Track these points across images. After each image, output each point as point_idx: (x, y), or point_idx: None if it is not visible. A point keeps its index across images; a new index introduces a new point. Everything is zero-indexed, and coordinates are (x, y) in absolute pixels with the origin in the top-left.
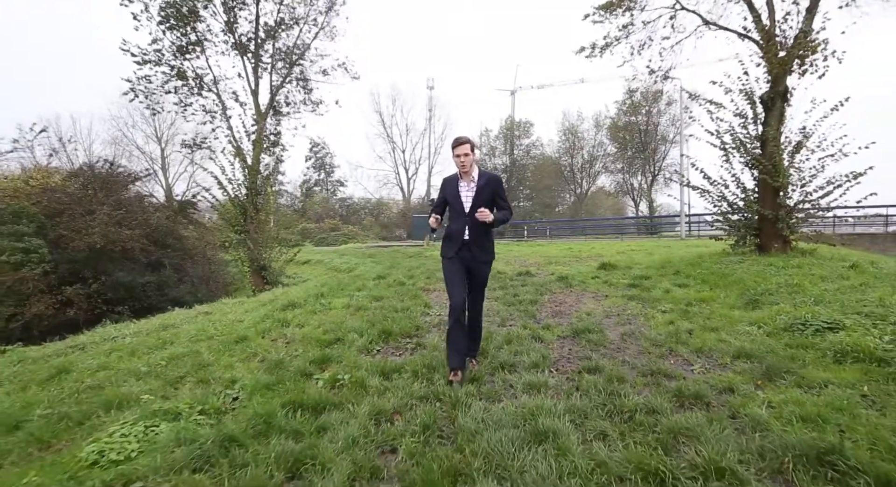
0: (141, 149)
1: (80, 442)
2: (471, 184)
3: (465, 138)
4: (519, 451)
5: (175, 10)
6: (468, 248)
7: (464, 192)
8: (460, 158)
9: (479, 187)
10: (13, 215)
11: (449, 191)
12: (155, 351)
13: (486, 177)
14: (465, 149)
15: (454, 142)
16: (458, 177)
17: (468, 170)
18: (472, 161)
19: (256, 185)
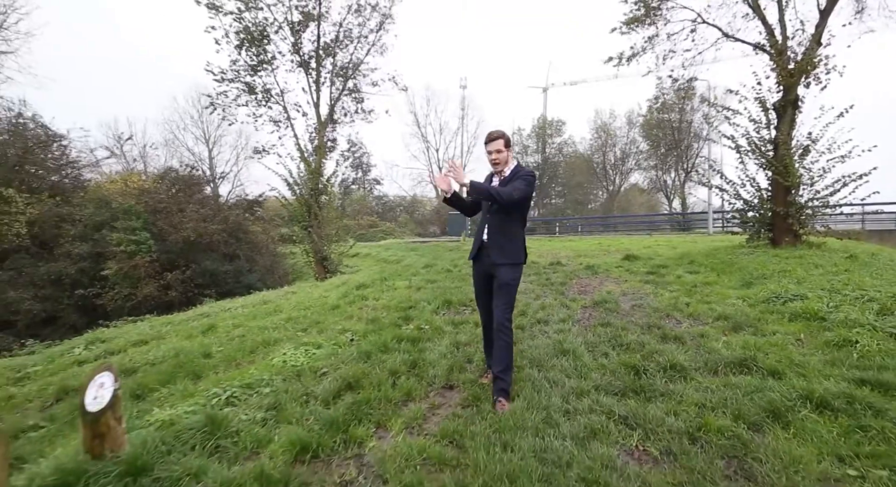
0: (191, 150)
1: (262, 360)
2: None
3: (499, 132)
4: (550, 358)
5: (249, 34)
6: (486, 252)
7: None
8: (492, 155)
9: (504, 181)
10: (124, 213)
11: None
12: (271, 315)
13: (515, 171)
14: (497, 145)
15: (486, 138)
16: (492, 176)
17: (500, 168)
18: (507, 158)
19: (319, 187)
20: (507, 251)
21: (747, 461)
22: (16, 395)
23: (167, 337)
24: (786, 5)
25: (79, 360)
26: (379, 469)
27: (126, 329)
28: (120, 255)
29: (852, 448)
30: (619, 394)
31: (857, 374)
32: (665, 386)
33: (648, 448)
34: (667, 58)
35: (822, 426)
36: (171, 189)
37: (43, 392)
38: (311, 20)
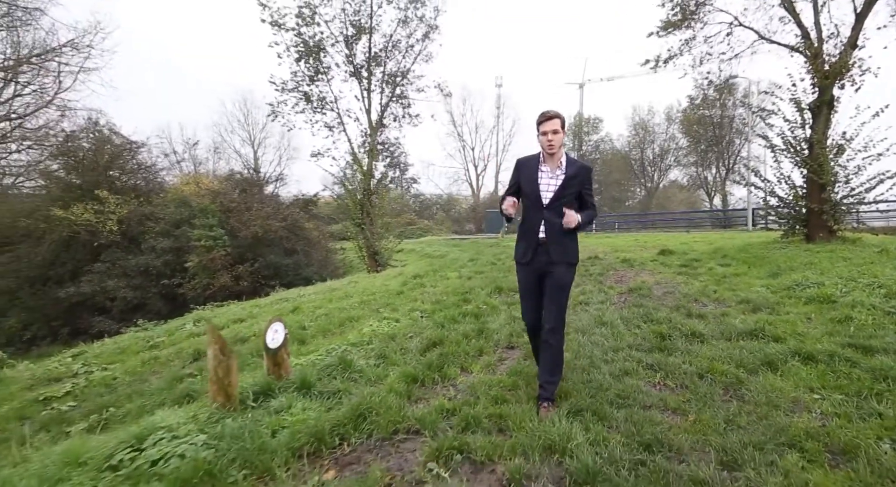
0: (238, 151)
1: (349, 332)
2: (556, 171)
3: (555, 112)
4: (592, 328)
5: (307, 48)
6: (545, 250)
7: (545, 179)
8: (547, 136)
9: (569, 176)
10: (201, 212)
11: (526, 175)
12: (345, 299)
13: (576, 166)
14: (554, 125)
15: (540, 117)
16: (539, 159)
17: (556, 152)
18: (561, 141)
19: (371, 187)
20: (568, 249)
21: (741, 390)
22: (160, 356)
23: (259, 316)
24: (821, 9)
25: (193, 333)
26: (470, 391)
27: (221, 311)
28: (199, 249)
29: (822, 382)
30: (647, 351)
31: (847, 340)
32: (685, 347)
33: (667, 382)
34: (703, 60)
35: (804, 371)
36: (235, 189)
37: (179, 354)
38: (363, 33)
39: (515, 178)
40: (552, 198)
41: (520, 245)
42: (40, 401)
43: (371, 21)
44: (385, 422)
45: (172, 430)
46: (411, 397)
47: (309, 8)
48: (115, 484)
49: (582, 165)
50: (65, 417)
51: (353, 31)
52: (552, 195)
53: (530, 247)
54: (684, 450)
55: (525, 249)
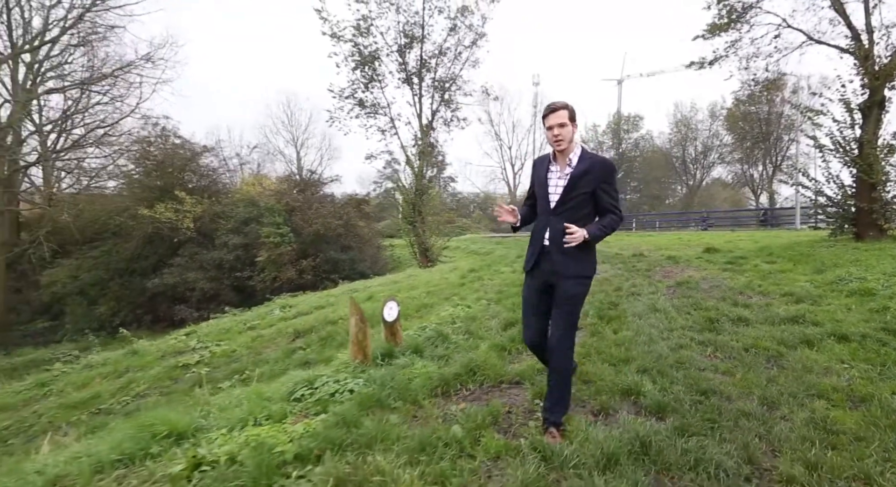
0: (282, 152)
1: (429, 315)
2: (565, 170)
3: (561, 103)
4: (647, 313)
5: (363, 57)
6: (549, 257)
7: (553, 180)
8: (553, 131)
9: (575, 175)
10: (268, 211)
11: (537, 175)
12: (412, 290)
13: (589, 162)
14: (560, 118)
15: (545, 110)
16: (550, 157)
17: (564, 148)
18: (571, 135)
19: (422, 187)
20: (577, 260)
21: (781, 360)
22: (263, 335)
23: (336, 304)
24: (872, 11)
25: (283, 317)
26: None
27: (300, 299)
28: (268, 245)
29: (853, 356)
30: (698, 331)
31: (881, 326)
32: (732, 329)
33: (717, 354)
34: (750, 61)
35: (837, 347)
36: (293, 189)
37: (280, 333)
38: (415, 42)
39: (533, 181)
40: (558, 200)
41: (527, 251)
42: (180, 367)
43: (423, 31)
44: (492, 375)
45: (332, 377)
46: (504, 360)
47: (365, 21)
48: (308, 406)
49: (598, 160)
50: (209, 378)
51: (405, 41)
52: (558, 197)
53: (534, 255)
54: (733, 396)
55: (530, 256)
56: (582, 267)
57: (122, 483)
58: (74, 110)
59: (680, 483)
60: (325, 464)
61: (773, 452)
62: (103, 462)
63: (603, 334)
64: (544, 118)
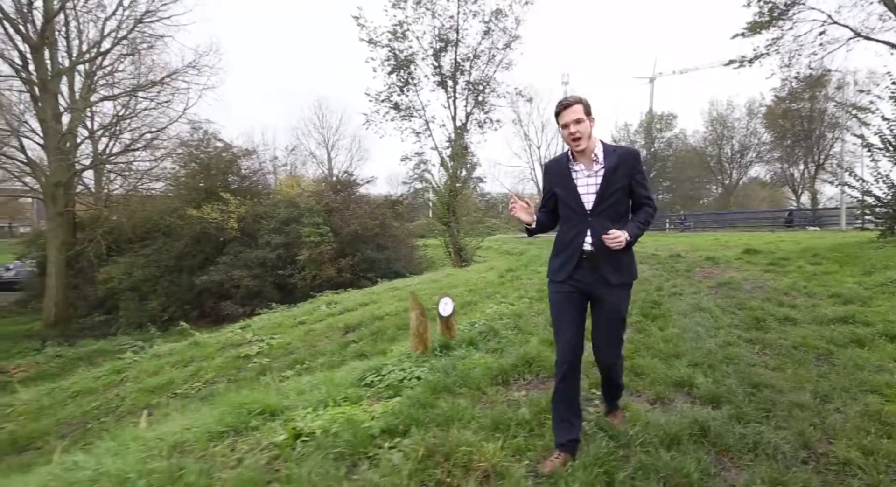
0: (313, 153)
1: (473, 312)
2: (592, 167)
3: (574, 98)
4: (691, 312)
5: (398, 61)
6: (593, 267)
7: (581, 180)
8: (569, 129)
9: (609, 170)
10: (308, 211)
11: (558, 179)
12: (451, 288)
13: (616, 154)
14: (575, 114)
15: (558, 107)
16: (568, 157)
17: (583, 146)
18: (589, 131)
19: (456, 188)
20: (621, 266)
21: (830, 358)
22: (315, 329)
23: (379, 301)
24: None
25: (330, 313)
26: None
27: (343, 297)
28: (309, 244)
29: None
30: (745, 330)
31: None
32: (779, 328)
33: (766, 352)
34: (792, 59)
35: (889, 347)
36: (330, 190)
37: (331, 327)
38: (450, 45)
39: (548, 186)
40: (595, 200)
41: (555, 260)
42: (242, 358)
43: (457, 34)
44: (547, 366)
45: (396, 365)
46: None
47: (401, 26)
48: (379, 391)
49: (624, 151)
50: (271, 367)
51: (440, 45)
52: (595, 197)
53: (570, 262)
54: (785, 390)
55: (562, 264)
56: (626, 273)
57: (235, 448)
58: (124, 116)
59: (740, 462)
60: (412, 437)
61: (828, 439)
62: (212, 432)
63: (649, 331)
64: (557, 115)
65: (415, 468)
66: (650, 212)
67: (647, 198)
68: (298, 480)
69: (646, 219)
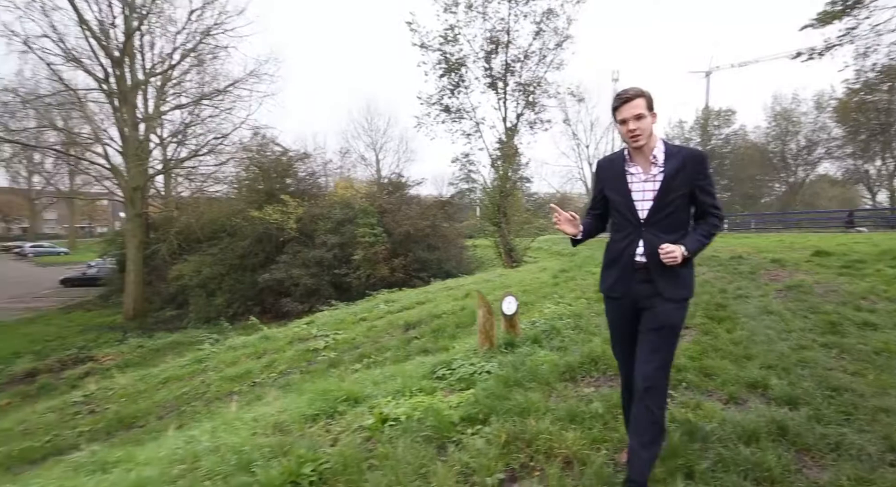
0: (362, 155)
1: (531, 313)
2: (651, 170)
3: (634, 90)
4: (759, 315)
5: (449, 65)
6: (645, 279)
7: (637, 184)
8: (628, 125)
9: (669, 175)
10: (363, 212)
11: (610, 181)
12: (504, 288)
13: (678, 157)
14: (634, 108)
15: (616, 100)
16: (624, 157)
17: (642, 144)
18: (651, 127)
19: (507, 189)
20: (678, 280)
21: None
22: (377, 325)
23: (435, 300)
24: None
25: (388, 311)
26: None
27: (399, 295)
28: (364, 244)
29: None
30: (820, 334)
31: None
32: (857, 332)
33: (843, 356)
34: (869, 50)
35: None
36: (383, 192)
37: (392, 324)
38: (500, 46)
39: (599, 187)
40: (651, 208)
41: (608, 273)
42: (311, 351)
43: (508, 36)
44: (613, 365)
45: (465, 360)
46: None
47: (453, 30)
48: (451, 383)
49: (689, 153)
50: (338, 361)
51: (491, 47)
52: (651, 204)
53: (623, 276)
54: (867, 394)
55: (616, 279)
56: (682, 288)
57: (329, 429)
58: (190, 123)
59: (822, 461)
60: (492, 425)
61: None
62: (305, 415)
63: (716, 333)
64: (615, 110)
65: (499, 452)
66: (715, 223)
67: (714, 207)
68: (394, 457)
69: (709, 230)
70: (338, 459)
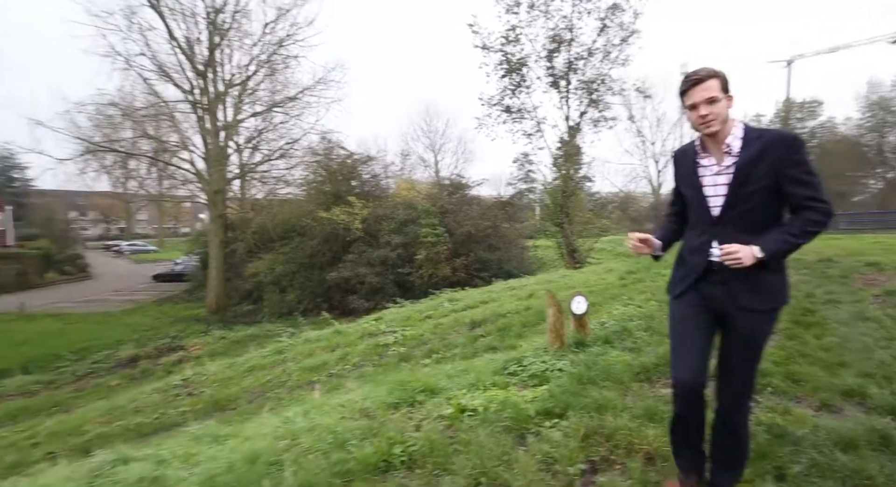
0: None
1: (598, 314)
2: (723, 161)
3: (706, 70)
4: (854, 322)
5: (511, 65)
6: (721, 281)
7: (709, 178)
8: (698, 110)
9: (744, 164)
10: (425, 213)
11: (682, 175)
12: (568, 289)
13: (760, 141)
14: (707, 91)
15: (685, 83)
16: (695, 148)
17: (714, 130)
18: (726, 112)
19: (568, 189)
20: (762, 286)
21: None
22: (443, 323)
23: (499, 300)
24: None
25: (453, 309)
26: None
27: (462, 294)
28: (426, 244)
29: None
30: None
31: None
32: None
33: None
34: None
35: None
36: (444, 193)
37: (458, 322)
38: (563, 45)
39: (677, 182)
40: (724, 204)
41: (677, 271)
42: (381, 346)
43: (571, 33)
44: None
45: (536, 358)
46: None
47: (514, 30)
48: (523, 379)
49: (774, 136)
50: (410, 355)
51: (553, 46)
52: (724, 200)
53: (690, 276)
54: None
55: (682, 277)
56: (769, 296)
57: (411, 416)
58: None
59: None
60: (569, 419)
61: None
62: (387, 403)
63: (803, 338)
64: (684, 94)
65: (578, 445)
66: (814, 218)
67: (811, 199)
68: (476, 443)
69: (803, 227)
70: (424, 442)
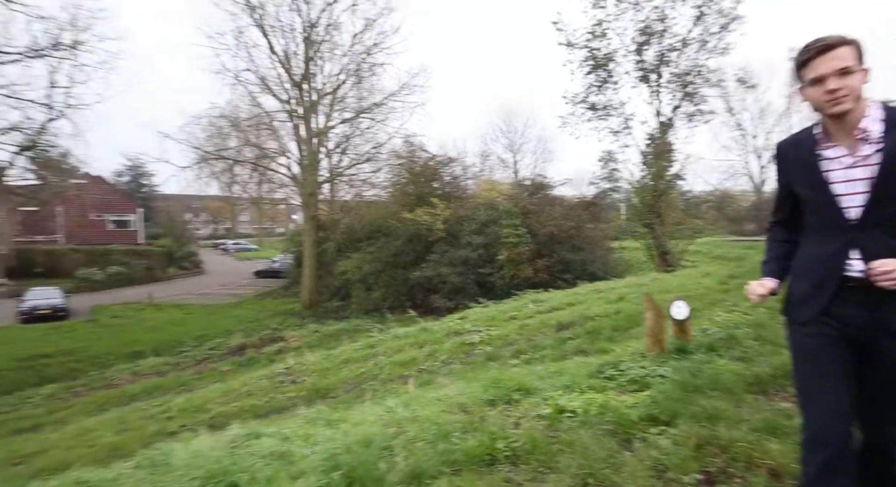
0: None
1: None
2: (859, 149)
3: (835, 37)
4: None
5: (596, 61)
6: (864, 303)
7: (838, 172)
8: (826, 83)
9: (891, 152)
10: (506, 213)
11: (797, 171)
12: (663, 293)
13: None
14: (837, 61)
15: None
16: (813, 136)
17: (847, 108)
18: (859, 90)
19: (659, 188)
20: None
21: None
22: (528, 324)
23: (585, 302)
24: None
25: (538, 311)
26: None
27: (547, 296)
28: (507, 245)
29: None
30: None
31: None
32: None
33: None
34: None
35: None
36: (525, 193)
37: (544, 324)
38: (653, 37)
39: (784, 181)
40: (868, 202)
41: (798, 285)
42: (467, 344)
43: (662, 24)
44: None
45: (634, 363)
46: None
47: (601, 25)
48: (621, 384)
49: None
50: (497, 355)
51: (643, 39)
52: (866, 198)
53: (823, 292)
54: None
55: (811, 294)
56: None
57: (509, 414)
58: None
59: None
60: (678, 427)
61: None
62: (483, 399)
63: None
64: (804, 65)
65: (691, 454)
66: None
67: None
68: (581, 445)
69: None
70: (526, 439)
